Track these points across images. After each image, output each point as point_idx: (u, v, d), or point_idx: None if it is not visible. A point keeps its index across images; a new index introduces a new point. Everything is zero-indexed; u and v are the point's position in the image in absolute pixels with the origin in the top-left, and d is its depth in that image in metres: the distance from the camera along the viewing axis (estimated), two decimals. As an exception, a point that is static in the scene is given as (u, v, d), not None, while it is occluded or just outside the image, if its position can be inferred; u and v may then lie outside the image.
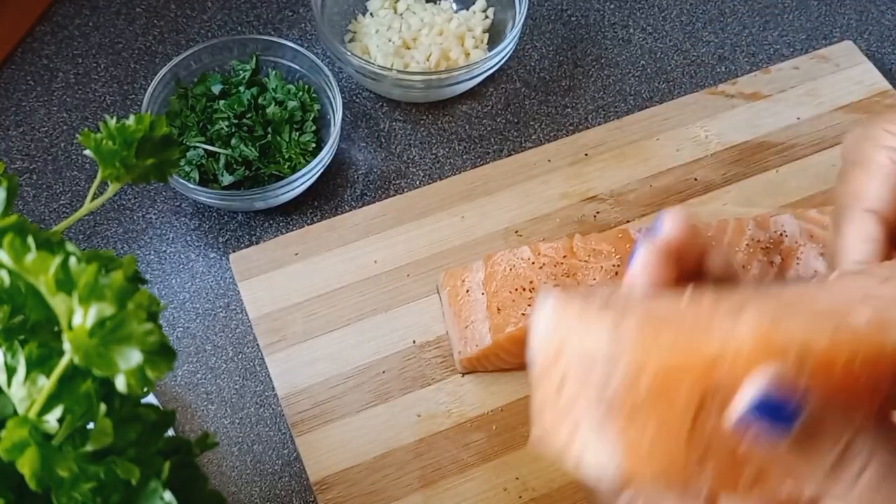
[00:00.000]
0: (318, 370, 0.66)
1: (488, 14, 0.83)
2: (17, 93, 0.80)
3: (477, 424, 0.64)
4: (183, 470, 0.40)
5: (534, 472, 0.62)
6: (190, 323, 0.70)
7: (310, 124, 0.75)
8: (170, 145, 0.44)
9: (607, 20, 0.86)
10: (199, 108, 0.74)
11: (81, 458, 0.35)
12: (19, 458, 0.33)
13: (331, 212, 0.75)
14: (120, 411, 0.36)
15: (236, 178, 0.72)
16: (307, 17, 0.86)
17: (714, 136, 0.77)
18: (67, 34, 0.84)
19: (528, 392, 0.65)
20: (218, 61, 0.77)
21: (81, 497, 0.34)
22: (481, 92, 0.81)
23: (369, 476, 0.62)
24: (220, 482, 0.64)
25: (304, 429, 0.64)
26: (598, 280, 0.63)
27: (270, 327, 0.68)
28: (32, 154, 0.77)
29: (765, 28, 0.86)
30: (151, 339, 0.32)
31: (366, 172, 0.77)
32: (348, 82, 0.82)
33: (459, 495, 0.62)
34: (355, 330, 0.68)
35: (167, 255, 0.73)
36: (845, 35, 0.85)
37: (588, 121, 0.80)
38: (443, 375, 0.66)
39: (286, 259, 0.71)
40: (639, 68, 0.83)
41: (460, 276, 0.67)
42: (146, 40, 0.84)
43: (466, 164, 0.77)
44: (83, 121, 0.79)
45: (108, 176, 0.43)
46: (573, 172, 0.75)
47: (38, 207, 0.74)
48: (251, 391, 0.67)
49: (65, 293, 0.33)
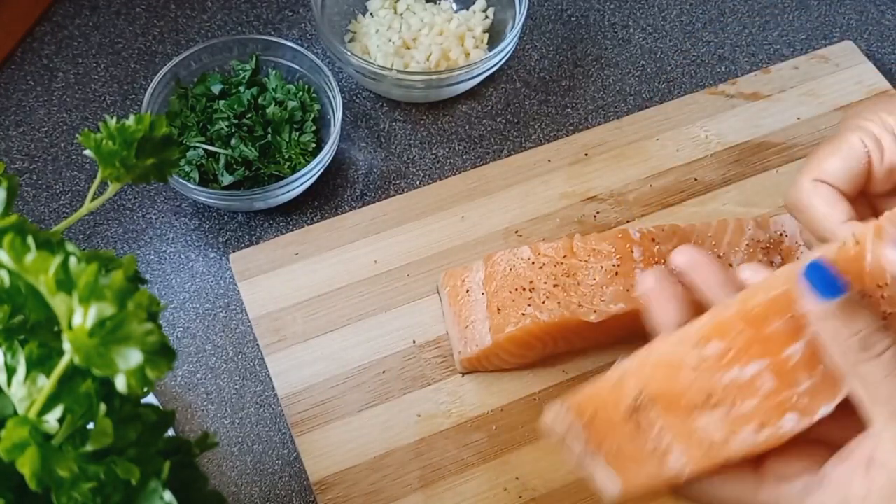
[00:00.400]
0: (318, 370, 0.66)
1: (488, 14, 0.83)
2: (17, 93, 0.80)
3: (477, 424, 0.64)
4: (183, 470, 0.40)
5: (534, 472, 0.62)
6: (190, 323, 0.70)
7: (310, 124, 0.75)
8: (170, 145, 0.44)
9: (607, 20, 0.86)
10: (199, 108, 0.74)
11: (81, 458, 0.35)
12: (19, 458, 0.33)
13: (331, 212, 0.75)
14: (120, 411, 0.36)
15: (236, 178, 0.72)
16: (307, 17, 0.86)
17: (714, 136, 0.77)
18: (67, 34, 0.84)
19: (528, 392, 0.66)
20: (218, 61, 0.77)
21: (81, 497, 0.34)
22: (481, 92, 0.81)
23: (369, 476, 0.62)
24: (220, 482, 0.64)
25: (304, 429, 0.64)
26: (598, 280, 0.63)
27: (270, 327, 0.68)
28: (32, 154, 0.77)
29: (765, 28, 0.86)
30: (151, 339, 0.32)
31: (366, 172, 0.77)
32: (348, 82, 0.82)
33: (459, 495, 0.62)
34: (355, 330, 0.68)
35: (167, 255, 0.73)
36: (845, 35, 0.85)
37: (588, 121, 0.80)
38: (443, 375, 0.66)
39: (286, 259, 0.71)
40: (639, 68, 0.83)
41: (460, 276, 0.67)
42: (146, 40, 0.84)
43: (466, 164, 0.77)
44: (83, 121, 0.79)
45: (108, 176, 0.43)
46: (573, 172, 0.75)
47: (38, 207, 0.74)
48: (251, 391, 0.67)
49: (65, 293, 0.33)
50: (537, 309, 0.62)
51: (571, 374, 0.66)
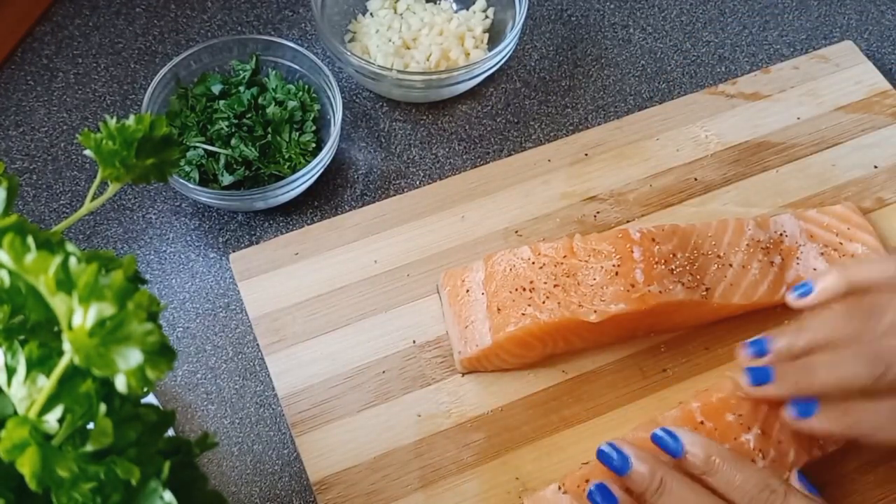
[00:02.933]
0: (318, 370, 0.66)
1: (488, 14, 0.83)
2: (17, 93, 0.80)
3: (477, 424, 0.64)
4: (183, 470, 0.40)
5: (534, 472, 0.62)
6: (190, 323, 0.70)
7: (310, 124, 0.75)
8: (170, 145, 0.44)
9: (607, 20, 0.86)
10: (199, 108, 0.74)
11: (81, 458, 0.35)
12: (19, 458, 0.33)
13: (331, 212, 0.75)
14: (120, 411, 0.36)
15: (236, 178, 0.72)
16: (307, 18, 0.86)
17: (714, 136, 0.77)
18: (67, 34, 0.84)
19: (528, 392, 0.66)
20: (218, 61, 0.77)
21: (81, 497, 0.34)
22: (481, 92, 0.82)
23: (369, 476, 0.62)
24: (220, 482, 0.64)
25: (304, 429, 0.64)
26: (598, 280, 0.63)
27: (270, 327, 0.68)
28: (32, 154, 0.77)
29: (765, 28, 0.86)
30: (151, 339, 0.32)
31: (366, 172, 0.77)
32: (348, 82, 0.82)
33: (459, 495, 0.62)
34: (355, 330, 0.68)
35: (167, 255, 0.73)
36: (845, 35, 0.85)
37: (588, 121, 0.80)
38: (443, 375, 0.66)
39: (286, 259, 0.71)
40: (639, 68, 0.83)
41: (460, 276, 0.67)
42: (146, 40, 0.84)
43: (466, 164, 0.77)
44: (83, 121, 0.79)
45: (108, 176, 0.43)
46: (573, 172, 0.75)
47: (38, 207, 0.74)
48: (251, 391, 0.67)
49: (65, 293, 0.33)
50: (537, 309, 0.62)
51: (571, 374, 0.66)
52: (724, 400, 0.59)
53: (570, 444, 0.63)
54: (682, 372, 0.66)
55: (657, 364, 0.67)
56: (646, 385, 0.66)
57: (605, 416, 0.64)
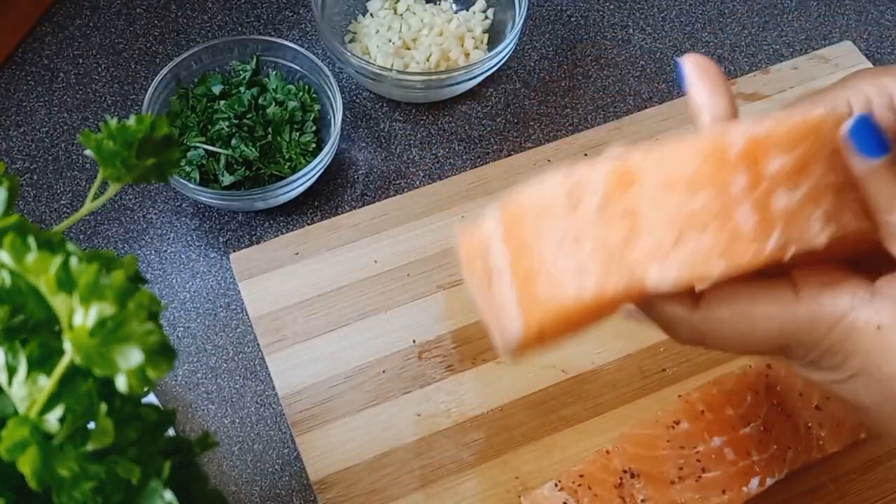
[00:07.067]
0: (319, 370, 0.66)
1: (488, 14, 0.83)
2: (17, 93, 0.80)
3: (476, 424, 0.64)
4: (183, 469, 0.40)
5: (533, 472, 0.63)
6: (190, 322, 0.70)
7: (310, 124, 0.75)
8: (170, 145, 0.44)
9: (607, 20, 0.86)
10: (199, 109, 0.74)
11: (82, 458, 0.35)
12: (20, 457, 0.33)
13: (331, 212, 0.75)
14: (120, 411, 0.36)
15: (236, 178, 0.72)
16: (307, 18, 0.86)
17: (714, 136, 0.77)
18: (68, 34, 0.84)
19: (528, 392, 0.66)
20: (218, 62, 0.77)
21: (82, 497, 0.35)
22: (481, 92, 0.82)
23: (369, 476, 0.62)
24: (220, 481, 0.64)
25: (305, 428, 0.64)
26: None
27: (271, 327, 0.68)
28: (33, 154, 0.77)
29: (764, 28, 0.86)
30: (152, 339, 0.33)
31: (366, 172, 0.77)
32: (348, 82, 0.82)
33: (459, 495, 0.62)
34: (355, 330, 0.68)
35: (168, 255, 0.73)
36: (845, 35, 0.85)
37: (588, 121, 0.80)
38: (443, 375, 0.66)
39: (286, 259, 0.71)
40: (639, 68, 0.83)
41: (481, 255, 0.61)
42: (147, 41, 0.84)
43: (466, 164, 0.77)
44: (84, 121, 0.79)
45: (109, 176, 0.43)
46: (573, 172, 0.75)
47: (38, 207, 0.75)
48: (251, 391, 0.67)
49: (65, 293, 0.33)
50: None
51: (571, 373, 0.66)
52: (725, 392, 0.60)
53: (569, 444, 0.64)
54: (682, 372, 0.66)
55: (657, 364, 0.67)
56: (645, 385, 0.66)
57: (605, 416, 0.65)
